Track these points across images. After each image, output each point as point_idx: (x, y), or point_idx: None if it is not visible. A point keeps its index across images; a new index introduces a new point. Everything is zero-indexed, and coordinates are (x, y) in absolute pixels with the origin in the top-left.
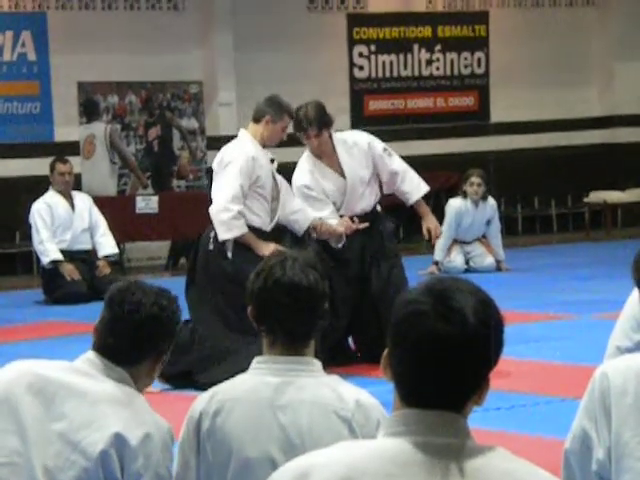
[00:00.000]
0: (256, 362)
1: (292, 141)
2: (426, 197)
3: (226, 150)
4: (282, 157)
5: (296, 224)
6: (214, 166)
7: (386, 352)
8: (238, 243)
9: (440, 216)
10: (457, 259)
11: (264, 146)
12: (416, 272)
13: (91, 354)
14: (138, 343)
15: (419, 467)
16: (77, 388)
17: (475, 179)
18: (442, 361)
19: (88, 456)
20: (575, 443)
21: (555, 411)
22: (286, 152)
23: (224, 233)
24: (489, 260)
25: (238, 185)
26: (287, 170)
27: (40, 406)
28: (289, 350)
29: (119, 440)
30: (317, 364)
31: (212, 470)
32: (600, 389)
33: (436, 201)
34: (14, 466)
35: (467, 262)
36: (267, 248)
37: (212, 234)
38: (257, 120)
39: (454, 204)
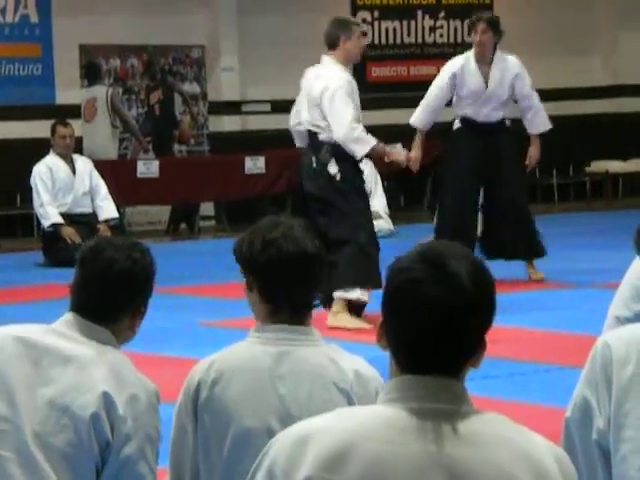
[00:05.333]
0: (255, 330)
1: None
2: (428, 164)
3: (326, 78)
4: None
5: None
6: (315, 94)
7: (381, 321)
8: (340, 163)
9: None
10: None
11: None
12: (417, 241)
13: (70, 315)
14: (115, 300)
15: (413, 433)
16: (62, 352)
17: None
18: (440, 327)
19: (79, 419)
20: (576, 412)
21: (554, 379)
22: None
23: (361, 149)
24: None
25: (352, 108)
26: None
27: (27, 371)
28: (290, 319)
29: (108, 400)
30: (316, 333)
31: (210, 440)
32: (602, 359)
33: (439, 169)
34: (2, 433)
35: None
36: (399, 154)
37: (313, 158)
38: (333, 46)
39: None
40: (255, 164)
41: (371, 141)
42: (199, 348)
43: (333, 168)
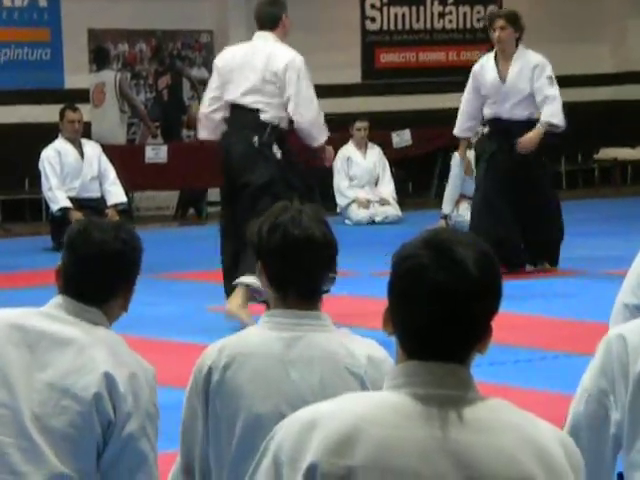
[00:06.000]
0: (267, 316)
1: None
2: (436, 151)
3: (287, 54)
4: None
5: None
6: (276, 69)
7: (386, 306)
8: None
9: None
10: (466, 214)
11: None
12: (425, 227)
13: (61, 298)
14: (107, 281)
15: (419, 418)
16: (58, 335)
17: (480, 129)
18: (445, 313)
19: (81, 400)
20: (590, 403)
21: (562, 366)
22: None
23: (322, 137)
24: None
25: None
26: None
27: (23, 356)
28: (301, 305)
29: (109, 379)
30: (327, 318)
31: (220, 424)
32: (617, 350)
33: (447, 155)
34: (0, 418)
35: None
36: (330, 158)
37: (255, 139)
38: (274, 25)
39: (459, 156)
40: None
41: (327, 133)
42: (208, 333)
43: (278, 152)
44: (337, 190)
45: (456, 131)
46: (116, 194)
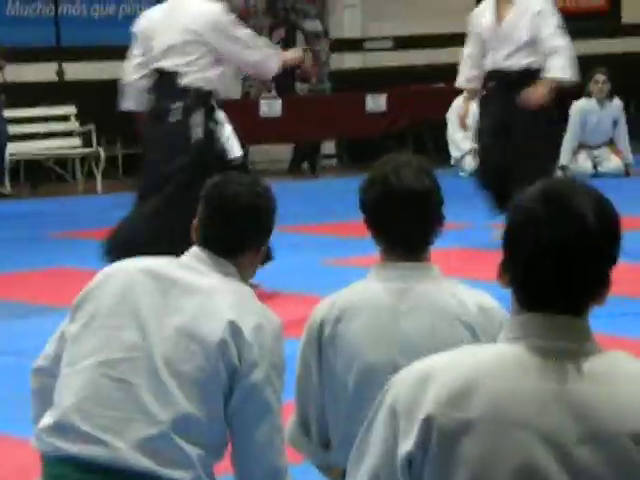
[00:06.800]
0: (375, 269)
1: None
2: (550, 102)
3: (209, 10)
4: None
5: None
6: (199, 25)
7: (502, 259)
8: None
9: (566, 121)
10: (585, 164)
11: None
12: None
13: (196, 249)
14: (239, 233)
15: (535, 371)
16: (189, 283)
17: (600, 77)
18: (562, 265)
19: (207, 345)
20: None
21: None
22: None
23: (272, 66)
24: (617, 164)
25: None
26: None
27: (156, 302)
28: (408, 257)
29: (234, 328)
30: (436, 269)
31: (334, 376)
32: None
33: (563, 107)
34: (134, 361)
35: (594, 167)
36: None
37: (174, 105)
38: None
39: (579, 104)
40: (376, 102)
41: (276, 58)
42: (322, 286)
43: (199, 128)
44: (451, 142)
45: (460, 82)
46: (232, 148)
